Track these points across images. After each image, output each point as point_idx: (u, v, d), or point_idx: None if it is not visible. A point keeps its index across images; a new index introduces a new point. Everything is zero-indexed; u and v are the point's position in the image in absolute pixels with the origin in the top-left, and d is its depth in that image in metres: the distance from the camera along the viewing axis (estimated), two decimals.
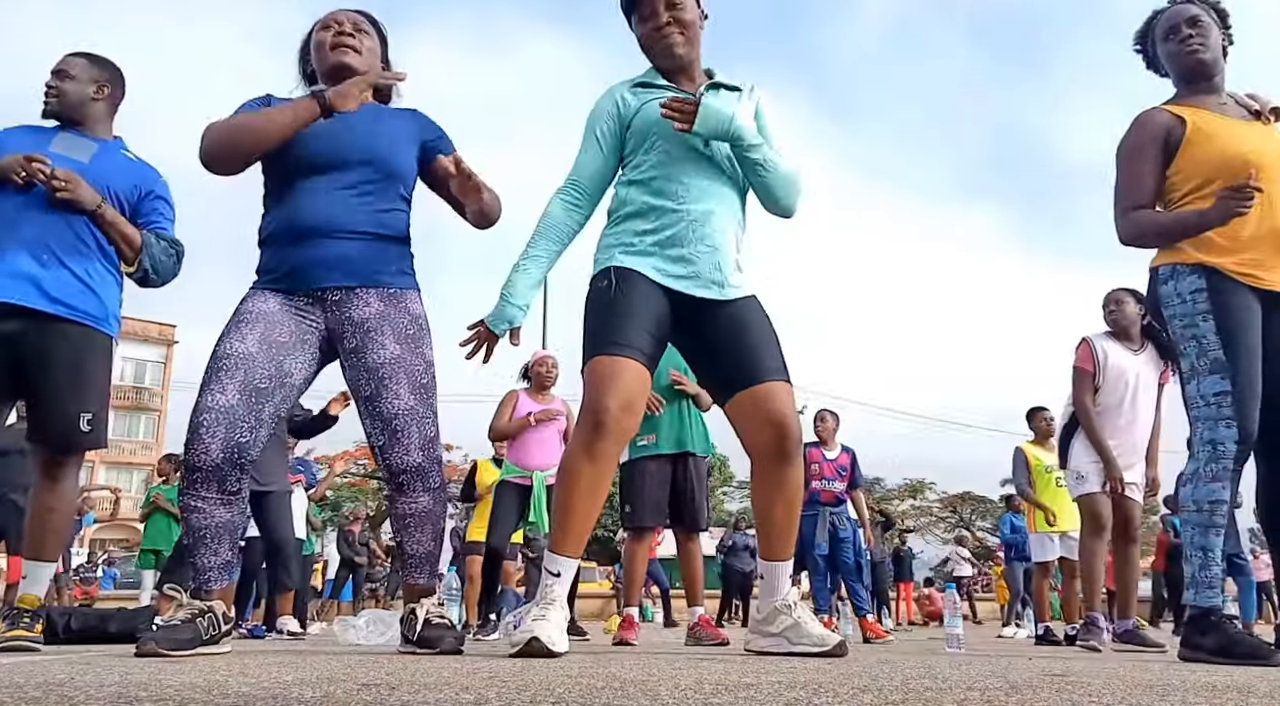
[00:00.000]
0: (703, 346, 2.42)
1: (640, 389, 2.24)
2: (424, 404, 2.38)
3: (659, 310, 2.30)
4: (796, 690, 1.24)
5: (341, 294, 2.37)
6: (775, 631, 2.32)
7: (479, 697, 1.12)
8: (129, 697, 1.10)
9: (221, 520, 2.22)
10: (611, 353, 2.21)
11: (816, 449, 6.14)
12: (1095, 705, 1.11)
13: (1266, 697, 1.23)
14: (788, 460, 2.31)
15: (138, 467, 39.18)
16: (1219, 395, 2.35)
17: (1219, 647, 2.25)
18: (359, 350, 2.36)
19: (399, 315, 2.40)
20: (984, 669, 1.82)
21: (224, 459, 2.18)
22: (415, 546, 2.43)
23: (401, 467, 2.35)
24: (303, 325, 2.36)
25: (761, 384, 2.30)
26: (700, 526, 4.31)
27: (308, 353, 2.37)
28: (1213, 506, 2.33)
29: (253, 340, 2.26)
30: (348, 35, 2.51)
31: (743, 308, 2.38)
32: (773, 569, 2.40)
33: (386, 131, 2.48)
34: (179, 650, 2.00)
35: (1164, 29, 2.67)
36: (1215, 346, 2.36)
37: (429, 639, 2.31)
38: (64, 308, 2.71)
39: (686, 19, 2.43)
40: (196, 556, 2.22)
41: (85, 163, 2.82)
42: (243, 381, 2.22)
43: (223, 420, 2.18)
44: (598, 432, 2.17)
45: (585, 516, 2.20)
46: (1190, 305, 2.42)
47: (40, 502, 2.78)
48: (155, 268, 2.88)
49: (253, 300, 2.35)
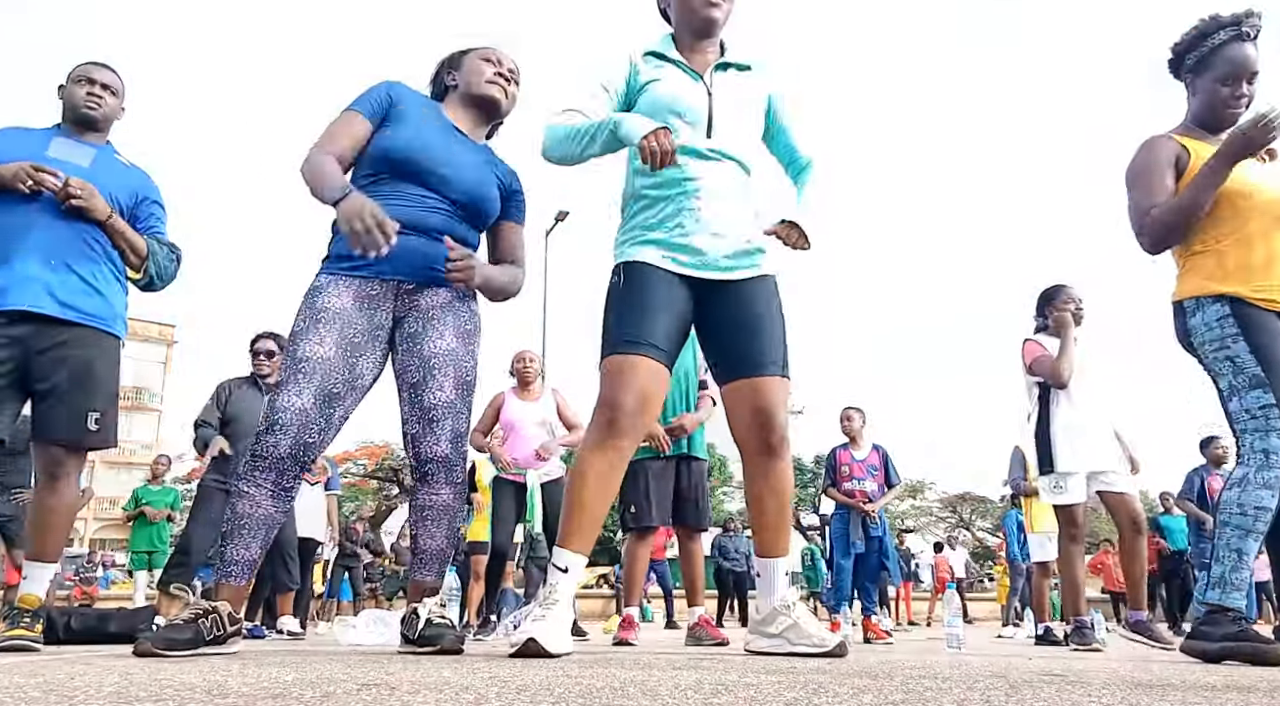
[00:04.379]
0: (712, 327, 2.41)
1: (656, 386, 2.25)
2: (462, 400, 2.46)
3: (676, 300, 2.31)
4: (796, 690, 1.24)
5: (415, 284, 2.45)
6: (775, 632, 2.32)
7: (479, 697, 1.12)
8: (129, 697, 1.10)
9: (265, 513, 2.27)
10: (626, 351, 2.22)
11: (845, 450, 6.11)
12: (1095, 705, 1.11)
13: (1266, 697, 1.23)
14: (773, 454, 2.32)
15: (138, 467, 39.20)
16: (1264, 408, 2.39)
17: (1224, 640, 2.26)
18: (417, 336, 2.44)
19: (463, 308, 2.51)
20: (984, 669, 1.82)
21: (290, 455, 2.26)
22: (429, 540, 2.47)
23: (429, 457, 2.42)
24: (374, 320, 2.41)
25: (756, 377, 2.31)
26: (702, 527, 4.33)
27: (379, 351, 2.44)
28: (1258, 512, 2.36)
29: (330, 343, 2.32)
30: (506, 79, 2.64)
31: (753, 291, 2.37)
32: (768, 566, 2.39)
33: (490, 180, 2.56)
34: (176, 650, 2.00)
35: (1225, 71, 2.57)
36: (1251, 364, 2.42)
37: (430, 637, 2.32)
38: (73, 312, 2.75)
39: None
40: (229, 545, 2.24)
41: (85, 167, 2.85)
42: (319, 386, 2.29)
43: (296, 420, 2.26)
44: (612, 430, 2.19)
45: (596, 512, 2.21)
46: (1219, 330, 2.48)
47: (41, 503, 2.78)
48: (160, 273, 2.96)
49: (328, 294, 2.38)
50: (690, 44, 2.47)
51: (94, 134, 2.97)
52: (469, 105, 2.62)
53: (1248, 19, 2.55)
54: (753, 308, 2.35)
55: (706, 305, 2.37)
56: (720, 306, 2.36)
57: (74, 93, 2.93)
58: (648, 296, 2.27)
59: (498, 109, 2.64)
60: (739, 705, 1.07)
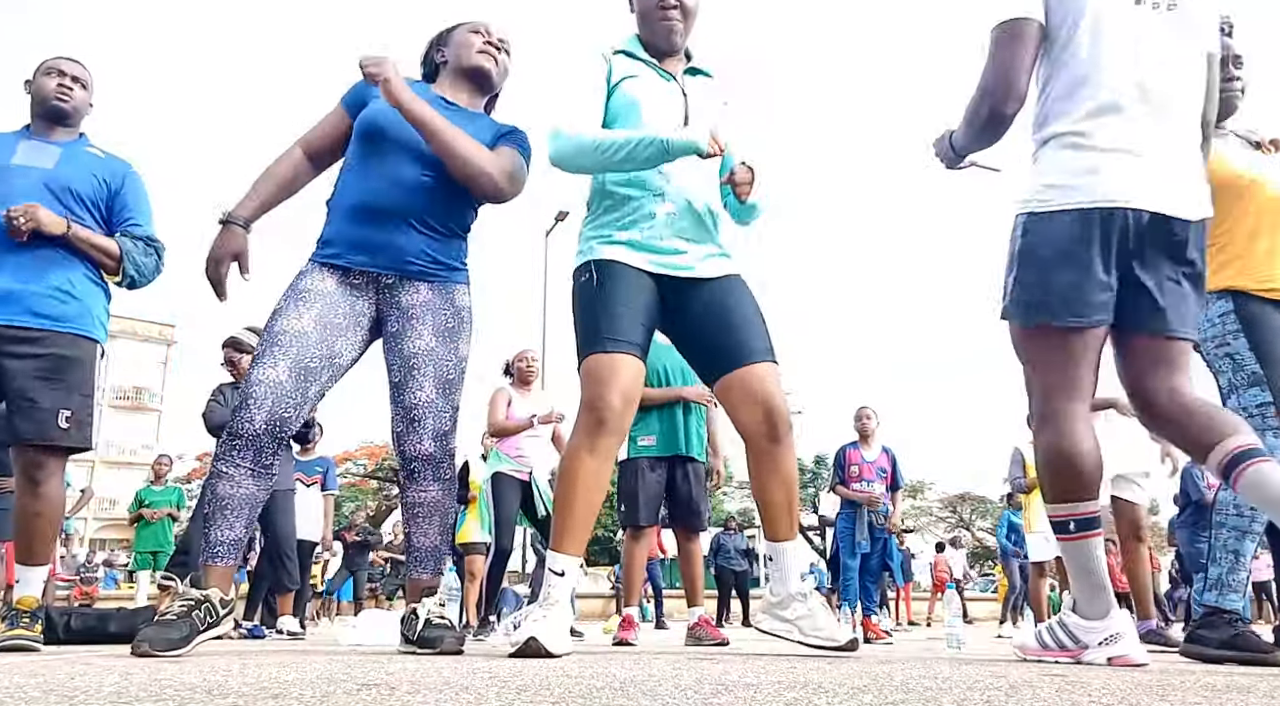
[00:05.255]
0: (688, 328, 2.40)
1: (637, 384, 2.25)
2: (444, 398, 2.45)
3: (647, 298, 2.30)
4: (796, 690, 1.24)
5: (395, 279, 2.44)
6: (789, 617, 2.30)
7: (479, 697, 1.12)
8: (129, 697, 1.10)
9: (247, 492, 2.25)
10: (608, 349, 2.22)
11: (855, 450, 6.11)
12: (1095, 705, 1.11)
13: (1266, 697, 1.23)
14: (778, 441, 2.30)
15: (138, 467, 39.19)
16: (1261, 406, 2.41)
17: (1223, 643, 2.26)
18: (398, 335, 2.44)
19: (444, 306, 2.47)
20: (984, 669, 1.82)
21: (265, 429, 2.24)
22: (422, 538, 2.48)
23: (414, 455, 2.43)
24: (357, 306, 2.42)
25: (748, 365, 2.30)
26: (699, 527, 4.33)
27: (359, 334, 2.44)
28: (1254, 513, 2.36)
29: (308, 319, 2.32)
30: (495, 48, 2.63)
31: (725, 286, 2.37)
32: (780, 550, 2.37)
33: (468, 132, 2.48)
34: (172, 650, 1.99)
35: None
36: (1250, 361, 2.43)
37: (429, 639, 2.32)
38: (48, 319, 2.73)
39: (690, 7, 2.44)
40: (212, 527, 2.23)
41: (49, 168, 2.82)
42: (295, 359, 2.28)
43: (270, 393, 2.24)
44: (601, 429, 2.18)
45: (587, 513, 2.21)
46: (1221, 327, 2.49)
47: (24, 507, 2.75)
48: (139, 270, 2.90)
49: (311, 277, 2.39)
50: (659, 51, 2.48)
51: (63, 129, 2.94)
52: (460, 78, 2.61)
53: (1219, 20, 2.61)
54: (727, 300, 2.35)
55: (679, 305, 2.36)
56: (694, 304, 2.35)
57: (43, 85, 2.90)
58: (623, 295, 2.27)
59: (489, 79, 2.62)
60: (739, 705, 1.07)
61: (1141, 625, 4.36)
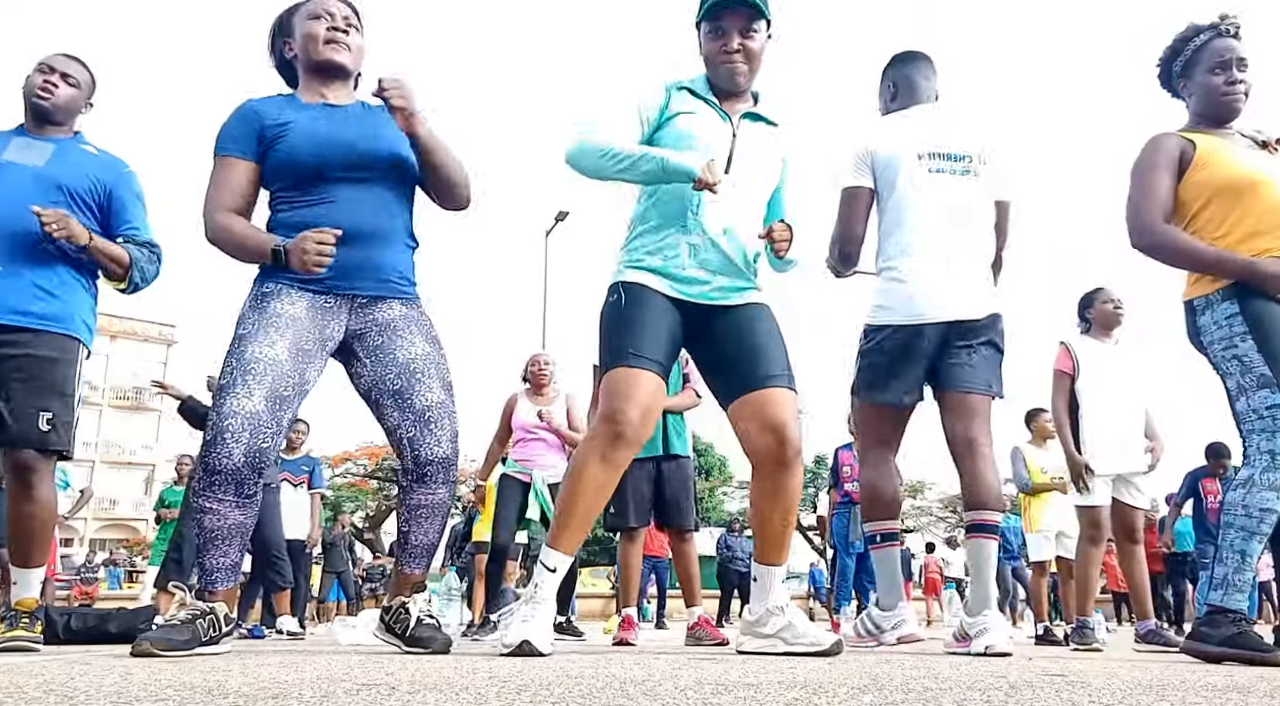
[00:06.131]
0: (710, 352, 2.45)
1: (656, 399, 2.29)
2: (451, 399, 2.46)
3: (670, 321, 2.34)
4: (796, 690, 1.24)
5: (368, 299, 2.41)
6: (769, 632, 2.33)
7: (479, 697, 1.12)
8: (129, 697, 1.10)
9: (235, 522, 2.22)
10: (631, 364, 2.25)
11: (848, 451, 6.10)
12: (1095, 705, 1.11)
13: (1266, 697, 1.23)
14: (786, 467, 2.32)
15: (137, 467, 39.19)
16: (1271, 408, 2.38)
17: (1225, 641, 2.26)
18: (385, 346, 2.40)
19: (420, 318, 2.48)
20: (984, 669, 1.82)
21: (245, 463, 2.17)
22: (422, 536, 2.48)
23: (430, 459, 2.40)
24: (326, 330, 2.37)
25: (762, 390, 2.32)
26: (688, 527, 4.30)
27: (323, 360, 2.39)
28: (1263, 514, 2.35)
29: (283, 347, 2.25)
30: (340, 31, 2.45)
31: (748, 313, 2.41)
32: (766, 573, 2.41)
33: (382, 132, 2.42)
34: (174, 651, 1.99)
35: (1213, 62, 2.60)
36: (1259, 363, 2.41)
37: (421, 639, 2.35)
38: (26, 317, 2.70)
39: (755, 49, 2.42)
40: (205, 557, 2.21)
41: (40, 166, 2.79)
42: (270, 388, 2.20)
43: (248, 425, 2.16)
44: (619, 441, 2.22)
45: (588, 517, 2.26)
46: (1227, 329, 2.48)
47: (17, 510, 2.73)
48: (142, 277, 2.88)
49: (282, 301, 2.31)
50: (722, 92, 2.47)
51: (55, 127, 2.91)
52: (318, 75, 2.47)
53: (1224, 20, 2.61)
54: (751, 326, 2.39)
55: (702, 331, 2.40)
56: (718, 329, 2.40)
57: (30, 81, 2.88)
58: (648, 314, 2.31)
59: (344, 70, 2.48)
60: (739, 705, 1.07)
61: (1141, 625, 4.36)
